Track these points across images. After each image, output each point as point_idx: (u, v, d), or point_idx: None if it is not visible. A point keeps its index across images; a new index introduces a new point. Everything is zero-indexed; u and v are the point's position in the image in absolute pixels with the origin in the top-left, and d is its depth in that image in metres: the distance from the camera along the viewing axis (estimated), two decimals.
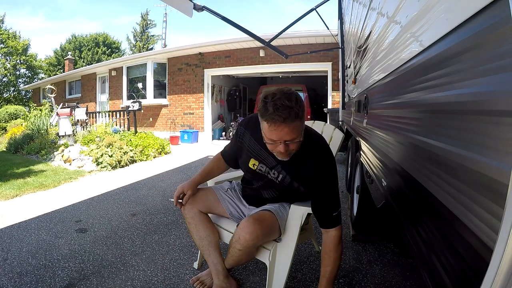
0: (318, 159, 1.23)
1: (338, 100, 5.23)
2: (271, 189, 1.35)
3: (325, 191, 1.23)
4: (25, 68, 19.62)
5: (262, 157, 1.30)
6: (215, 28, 49.28)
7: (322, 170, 1.22)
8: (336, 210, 1.24)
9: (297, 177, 1.26)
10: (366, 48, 1.83)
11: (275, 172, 1.28)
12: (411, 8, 0.87)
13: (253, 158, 1.32)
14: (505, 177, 0.38)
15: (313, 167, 1.22)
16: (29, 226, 2.34)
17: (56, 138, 5.91)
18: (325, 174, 1.22)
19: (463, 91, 0.53)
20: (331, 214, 1.23)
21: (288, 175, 1.26)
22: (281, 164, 1.26)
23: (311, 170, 1.23)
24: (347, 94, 3.67)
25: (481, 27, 0.47)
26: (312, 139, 1.25)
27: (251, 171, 1.35)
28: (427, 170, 0.70)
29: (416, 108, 0.83)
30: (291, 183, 1.27)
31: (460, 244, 0.52)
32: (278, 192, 1.34)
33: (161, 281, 1.58)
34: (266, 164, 1.29)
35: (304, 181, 1.26)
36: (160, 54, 8.94)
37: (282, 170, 1.26)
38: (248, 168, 1.35)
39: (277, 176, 1.28)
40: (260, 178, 1.34)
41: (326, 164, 1.23)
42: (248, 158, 1.34)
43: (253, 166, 1.33)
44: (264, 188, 1.37)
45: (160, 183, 3.72)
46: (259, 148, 1.29)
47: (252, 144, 1.32)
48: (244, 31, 3.20)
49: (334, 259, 1.23)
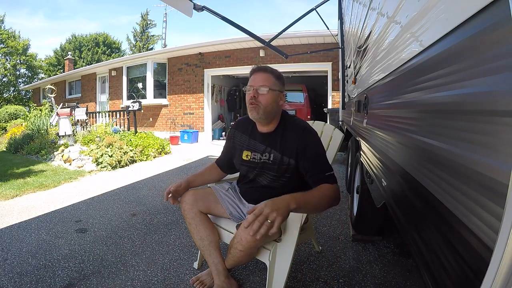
0: (298, 130, 1.34)
1: (338, 100, 5.23)
2: (267, 173, 1.38)
3: (313, 155, 1.30)
4: (25, 68, 19.63)
5: (252, 145, 1.41)
6: (215, 28, 49.29)
7: (305, 138, 1.32)
8: (329, 170, 1.27)
9: (285, 152, 1.33)
10: (366, 48, 1.83)
11: (266, 154, 1.37)
12: (411, 8, 0.87)
13: (245, 150, 1.43)
14: (505, 177, 0.38)
15: (296, 138, 1.32)
16: (29, 226, 2.35)
17: (56, 138, 5.91)
18: (308, 141, 1.31)
19: (463, 91, 0.53)
20: (324, 174, 1.26)
21: (278, 152, 1.34)
22: (269, 145, 1.36)
23: (295, 141, 1.32)
24: (347, 94, 3.67)
25: (481, 27, 0.47)
26: (292, 119, 1.40)
27: (245, 163, 1.42)
28: (427, 170, 0.70)
29: (416, 108, 0.83)
30: (282, 159, 1.33)
31: (460, 244, 0.52)
32: (273, 173, 1.36)
33: (161, 281, 1.58)
34: (257, 151, 1.40)
35: (292, 153, 1.32)
36: (160, 54, 8.94)
37: (272, 149, 1.36)
38: (242, 160, 1.43)
39: (269, 157, 1.36)
40: (254, 166, 1.40)
41: (306, 133, 1.33)
42: (241, 152, 1.44)
43: (247, 157, 1.42)
44: (260, 175, 1.40)
45: (160, 183, 3.72)
46: (248, 139, 1.43)
47: (242, 139, 1.46)
48: (244, 31, 3.19)
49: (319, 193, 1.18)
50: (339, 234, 2.17)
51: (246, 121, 1.47)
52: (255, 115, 1.31)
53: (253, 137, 1.41)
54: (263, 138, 1.38)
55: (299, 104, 8.37)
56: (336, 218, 2.49)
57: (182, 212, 1.44)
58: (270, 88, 1.29)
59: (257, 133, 1.41)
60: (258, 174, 1.41)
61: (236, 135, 1.49)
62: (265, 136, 1.38)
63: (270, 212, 0.96)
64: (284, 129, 1.36)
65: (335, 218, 2.49)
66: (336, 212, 2.62)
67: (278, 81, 1.32)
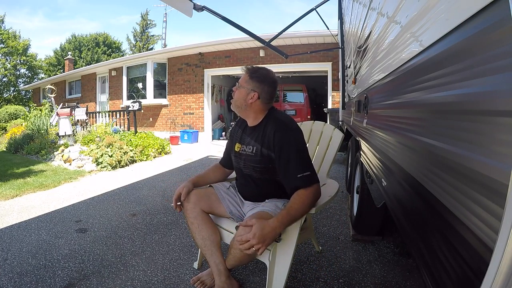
0: (277, 125, 1.37)
1: (338, 100, 5.23)
2: (252, 166, 1.41)
3: (285, 155, 1.30)
4: (25, 68, 19.63)
5: (242, 138, 1.49)
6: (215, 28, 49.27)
7: (281, 133, 1.33)
8: (301, 172, 1.26)
9: (264, 145, 1.37)
10: (366, 48, 1.83)
11: (250, 146, 1.43)
12: (411, 8, 0.87)
13: (237, 142, 1.51)
14: (505, 177, 0.38)
15: (274, 132, 1.35)
16: (29, 226, 2.35)
17: (56, 138, 5.91)
18: (285, 138, 1.32)
19: (463, 91, 0.53)
20: (296, 176, 1.26)
21: (259, 144, 1.39)
22: (253, 138, 1.43)
23: (272, 136, 1.35)
24: (347, 94, 3.67)
25: (481, 27, 0.47)
26: (275, 114, 1.44)
27: (236, 154, 1.49)
28: (427, 170, 0.70)
29: (416, 108, 0.83)
30: (261, 151, 1.38)
31: (460, 244, 0.52)
32: (258, 165, 1.39)
33: (161, 281, 1.58)
34: (244, 143, 1.47)
35: (270, 146, 1.35)
36: (160, 54, 8.94)
37: (255, 142, 1.42)
38: (234, 152, 1.50)
39: (252, 149, 1.42)
40: (241, 157, 1.47)
41: (284, 128, 1.35)
42: (234, 144, 1.53)
43: (237, 149, 1.49)
44: (246, 167, 1.44)
45: (160, 183, 3.72)
46: (242, 133, 1.51)
47: (238, 133, 1.54)
48: (244, 31, 3.20)
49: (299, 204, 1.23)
50: (339, 234, 2.17)
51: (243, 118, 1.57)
52: (233, 107, 1.47)
53: (245, 131, 1.50)
54: (250, 132, 1.46)
55: (299, 104, 8.38)
56: (336, 218, 2.49)
57: (184, 212, 1.44)
58: (241, 85, 1.42)
59: (247, 127, 1.49)
60: (244, 166, 1.45)
61: (234, 130, 1.59)
62: (251, 130, 1.45)
63: (256, 244, 1.13)
64: (266, 123, 1.41)
65: (335, 218, 2.49)
66: (336, 212, 2.62)
67: (252, 79, 1.39)
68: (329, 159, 1.79)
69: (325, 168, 1.78)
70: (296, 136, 1.35)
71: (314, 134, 1.93)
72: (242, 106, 1.43)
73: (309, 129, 1.96)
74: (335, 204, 2.81)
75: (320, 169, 1.80)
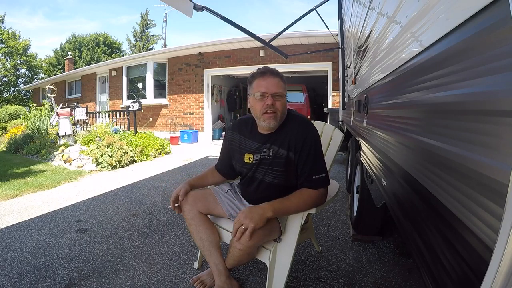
0: (299, 123, 1.33)
1: (338, 100, 5.23)
2: (269, 170, 1.35)
3: (309, 151, 1.28)
4: (25, 68, 19.63)
5: (253, 147, 1.38)
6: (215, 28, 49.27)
7: (305, 131, 1.30)
8: (317, 173, 1.26)
9: (284, 145, 1.31)
10: (366, 48, 1.83)
11: (266, 149, 1.34)
12: (411, 8, 0.87)
13: (247, 153, 1.39)
14: (505, 177, 0.38)
15: (295, 132, 1.30)
16: (29, 226, 2.35)
17: (56, 138, 5.91)
18: (308, 135, 1.29)
19: (463, 91, 0.53)
20: (311, 176, 1.25)
21: (277, 146, 1.32)
22: (270, 141, 1.34)
23: (294, 136, 1.30)
24: (347, 94, 3.67)
25: (481, 27, 0.47)
26: (294, 115, 1.37)
27: (248, 166, 1.40)
28: (427, 170, 0.70)
29: (416, 108, 0.83)
30: (280, 152, 1.31)
31: (460, 244, 0.52)
32: (275, 168, 1.33)
33: (161, 281, 1.58)
34: (258, 152, 1.36)
35: (291, 147, 1.30)
36: (160, 54, 8.94)
37: (272, 145, 1.33)
38: (244, 163, 1.40)
39: (269, 152, 1.34)
40: (257, 166, 1.38)
41: (307, 127, 1.32)
42: (242, 155, 1.41)
43: (249, 160, 1.39)
44: (263, 174, 1.37)
45: (160, 183, 3.72)
46: (250, 141, 1.39)
47: (243, 141, 1.41)
48: (244, 31, 3.19)
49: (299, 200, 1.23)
50: (339, 234, 2.17)
51: (244, 122, 1.44)
52: (274, 123, 1.27)
53: (254, 138, 1.38)
54: (265, 138, 1.35)
55: (299, 104, 8.37)
56: (336, 218, 2.49)
57: (182, 213, 1.44)
58: (284, 94, 1.27)
59: (258, 134, 1.38)
60: (261, 173, 1.38)
61: (235, 137, 1.45)
62: (267, 136, 1.35)
63: (244, 219, 1.13)
64: (287, 123, 1.33)
65: (335, 218, 2.49)
66: (336, 212, 2.62)
67: (285, 83, 1.31)
68: (329, 159, 1.79)
69: None
70: (318, 137, 1.34)
71: None
72: (285, 115, 1.32)
73: None
74: (335, 204, 2.81)
75: None
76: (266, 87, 1.24)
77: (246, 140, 1.40)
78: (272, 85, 1.24)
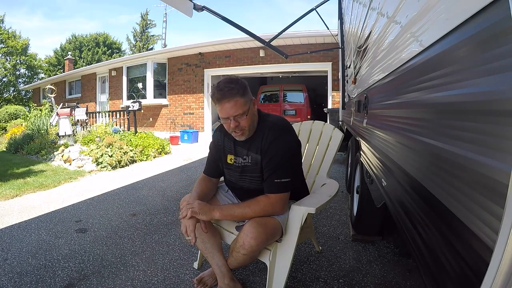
0: (268, 129, 1.33)
1: (338, 100, 5.23)
2: (249, 176, 1.38)
3: (270, 154, 1.29)
4: (25, 68, 19.63)
5: (234, 149, 1.41)
6: (215, 28, 49.25)
7: (271, 136, 1.31)
8: (279, 177, 1.26)
9: (258, 150, 1.33)
10: (366, 48, 1.83)
11: (245, 157, 1.38)
12: (411, 8, 0.87)
13: (229, 154, 1.44)
14: (505, 177, 0.38)
15: (265, 136, 1.32)
16: (29, 226, 2.35)
17: (56, 138, 5.91)
18: (272, 140, 1.30)
19: (463, 91, 0.53)
20: (273, 180, 1.26)
21: (253, 152, 1.35)
22: (248, 147, 1.36)
23: (264, 139, 1.32)
24: (347, 94, 3.67)
25: (481, 27, 0.47)
26: (266, 120, 1.37)
27: (229, 166, 1.44)
28: (427, 170, 0.70)
29: (416, 108, 0.83)
30: (255, 157, 1.34)
31: (460, 244, 0.52)
32: (255, 174, 1.36)
33: (161, 281, 1.58)
34: (238, 154, 1.40)
35: (261, 150, 1.32)
36: (160, 54, 8.94)
37: (249, 151, 1.36)
38: (227, 164, 1.44)
39: (248, 159, 1.37)
40: (236, 170, 1.41)
41: (275, 131, 1.32)
42: (225, 156, 1.45)
43: (230, 161, 1.43)
44: (242, 179, 1.40)
45: (160, 183, 3.72)
46: (233, 144, 1.41)
47: (227, 143, 1.44)
48: (244, 31, 3.20)
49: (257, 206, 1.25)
50: (339, 234, 2.17)
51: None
52: (244, 137, 1.32)
53: (236, 141, 1.39)
54: (245, 141, 1.36)
55: (299, 104, 8.37)
56: (336, 218, 2.49)
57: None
58: (245, 111, 1.25)
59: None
60: (240, 179, 1.41)
61: (220, 138, 1.47)
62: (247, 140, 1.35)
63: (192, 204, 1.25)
64: (262, 129, 1.34)
65: (335, 218, 2.49)
66: (336, 212, 2.62)
67: (245, 94, 1.25)
68: (329, 159, 1.79)
69: (325, 168, 1.78)
70: (288, 140, 1.33)
71: (314, 134, 1.93)
72: (255, 123, 1.34)
73: (309, 129, 1.96)
74: (335, 204, 2.81)
75: (320, 169, 1.80)
76: (226, 112, 1.25)
77: (229, 142, 1.43)
78: (229, 109, 1.23)
